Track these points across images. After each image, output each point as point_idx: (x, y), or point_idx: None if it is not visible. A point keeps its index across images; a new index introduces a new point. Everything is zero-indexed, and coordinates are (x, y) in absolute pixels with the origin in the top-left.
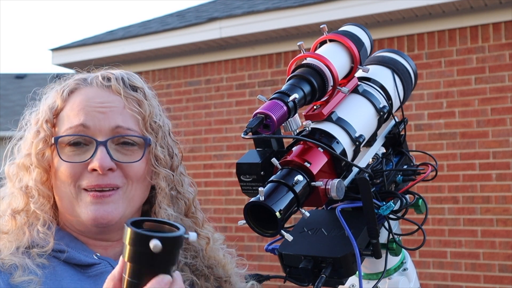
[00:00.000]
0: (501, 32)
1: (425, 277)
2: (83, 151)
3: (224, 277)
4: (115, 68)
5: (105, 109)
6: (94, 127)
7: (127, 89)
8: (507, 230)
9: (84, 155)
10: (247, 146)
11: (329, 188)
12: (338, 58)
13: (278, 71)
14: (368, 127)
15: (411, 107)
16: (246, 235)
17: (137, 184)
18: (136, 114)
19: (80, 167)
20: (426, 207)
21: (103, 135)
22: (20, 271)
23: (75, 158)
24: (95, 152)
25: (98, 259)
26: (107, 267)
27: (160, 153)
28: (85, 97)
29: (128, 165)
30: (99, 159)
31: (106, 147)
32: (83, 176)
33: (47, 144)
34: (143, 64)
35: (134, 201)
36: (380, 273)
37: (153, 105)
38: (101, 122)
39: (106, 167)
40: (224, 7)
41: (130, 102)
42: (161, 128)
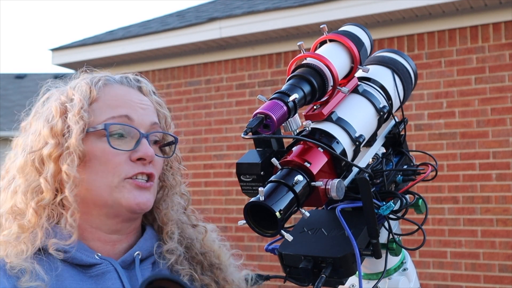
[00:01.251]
0: (501, 32)
1: (425, 277)
2: (124, 142)
3: (217, 264)
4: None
5: (144, 106)
6: (137, 120)
7: (152, 93)
8: (507, 230)
9: (127, 145)
10: (247, 146)
11: (329, 188)
12: (338, 58)
13: (278, 71)
14: (368, 127)
15: (411, 107)
16: (246, 235)
17: (157, 180)
18: (161, 114)
19: (125, 156)
20: (426, 207)
21: (144, 129)
22: (27, 276)
23: (121, 146)
24: (139, 143)
25: (99, 259)
26: (108, 267)
27: (178, 152)
28: (123, 92)
29: (158, 160)
30: (147, 148)
31: (148, 140)
32: (126, 165)
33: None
34: (143, 64)
35: (155, 196)
36: (380, 273)
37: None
38: (143, 117)
39: (151, 156)
40: (224, 7)
41: (156, 104)
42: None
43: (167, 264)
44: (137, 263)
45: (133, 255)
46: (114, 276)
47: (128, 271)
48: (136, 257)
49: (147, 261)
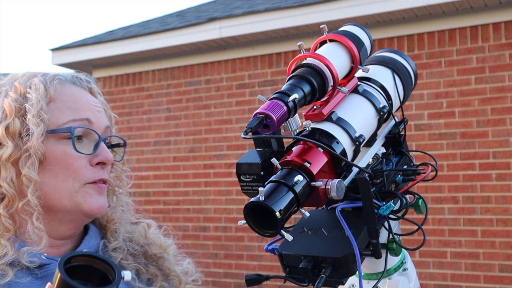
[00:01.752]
0: (501, 32)
1: (425, 277)
2: (82, 145)
3: (159, 254)
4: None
5: (99, 108)
6: (96, 123)
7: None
8: (507, 230)
9: (87, 149)
10: (247, 146)
11: (329, 188)
12: (338, 58)
13: (278, 71)
14: (368, 127)
15: (411, 107)
16: (246, 235)
17: None
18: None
19: (85, 160)
20: (426, 207)
21: (101, 133)
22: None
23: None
24: (98, 147)
25: (46, 259)
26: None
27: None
28: (79, 94)
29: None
30: (107, 153)
31: (105, 143)
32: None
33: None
34: (143, 64)
35: None
36: (380, 273)
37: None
38: (100, 120)
39: (112, 160)
40: (224, 7)
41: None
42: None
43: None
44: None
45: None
46: None
47: None
48: None
49: None
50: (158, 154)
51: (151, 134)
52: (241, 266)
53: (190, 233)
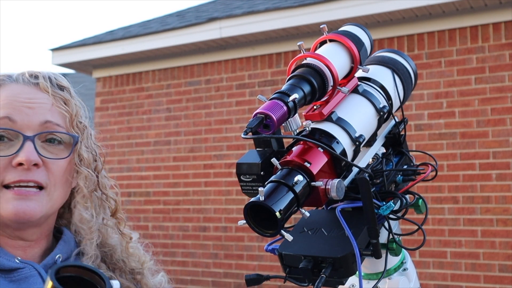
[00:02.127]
0: (501, 32)
1: (425, 277)
2: (7, 146)
3: (137, 269)
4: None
5: (33, 105)
6: (21, 121)
7: (54, 88)
8: (507, 230)
9: (8, 150)
10: (247, 146)
11: (329, 188)
12: (338, 58)
13: (278, 71)
14: (368, 127)
15: (411, 107)
16: (246, 235)
17: (60, 185)
18: (64, 112)
19: (4, 162)
20: (426, 207)
21: (31, 131)
22: None
23: (2, 152)
24: (21, 147)
25: (20, 263)
26: (32, 271)
27: (84, 152)
28: (11, 93)
29: (53, 163)
30: (26, 153)
31: (33, 142)
32: (6, 171)
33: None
34: (143, 64)
35: (57, 202)
36: (380, 273)
37: (79, 106)
38: (29, 117)
39: (32, 161)
40: (224, 7)
41: (57, 100)
42: (86, 129)
43: None
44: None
45: (54, 258)
46: (38, 281)
47: None
48: (57, 260)
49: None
50: (158, 154)
51: (151, 134)
52: (241, 266)
53: (190, 233)
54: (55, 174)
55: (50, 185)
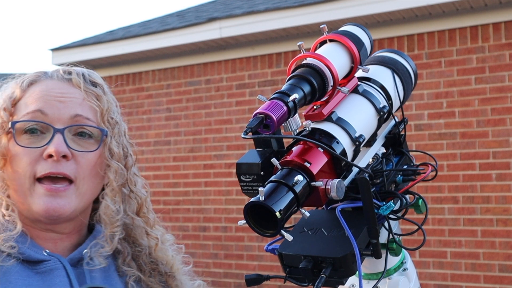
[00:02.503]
0: (501, 32)
1: (425, 277)
2: (39, 139)
3: (169, 272)
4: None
5: (65, 99)
6: (52, 115)
7: (87, 84)
8: (507, 230)
9: (40, 142)
10: (247, 146)
11: (329, 188)
12: (338, 58)
13: (278, 71)
14: (368, 127)
15: (411, 107)
16: (246, 235)
17: (89, 178)
18: (95, 107)
19: (36, 153)
20: (426, 207)
21: (61, 124)
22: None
23: (30, 144)
24: (51, 139)
25: (47, 255)
26: (57, 264)
27: (114, 147)
28: (44, 87)
29: (82, 155)
30: (55, 145)
31: (63, 135)
32: (38, 163)
33: (3, 131)
34: (143, 64)
35: (86, 197)
36: (380, 273)
37: (111, 102)
38: (60, 111)
39: (61, 153)
40: (224, 7)
41: (89, 95)
42: (117, 125)
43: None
44: (85, 261)
45: (81, 253)
46: (62, 274)
47: (76, 269)
48: (84, 255)
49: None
50: (158, 154)
51: (151, 134)
52: (241, 266)
53: (190, 233)
54: (84, 167)
55: (79, 178)
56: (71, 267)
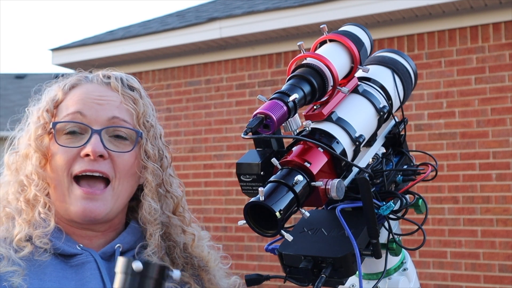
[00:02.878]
0: (501, 32)
1: (425, 277)
2: (78, 139)
3: (203, 267)
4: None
5: (103, 101)
6: (90, 116)
7: (125, 88)
8: (507, 230)
9: (78, 142)
10: (247, 146)
11: (329, 188)
12: (338, 58)
13: (278, 71)
14: (368, 127)
15: (411, 107)
16: (246, 235)
17: (125, 179)
18: (132, 110)
19: (74, 153)
20: (426, 207)
21: (99, 125)
22: (5, 262)
23: (69, 144)
24: (89, 139)
25: (80, 249)
26: (88, 258)
27: (150, 149)
28: (85, 90)
29: (118, 156)
30: (92, 144)
31: (100, 135)
32: (75, 162)
33: (45, 131)
34: (143, 64)
35: (122, 197)
36: (380, 273)
37: (147, 106)
38: (98, 113)
39: (98, 152)
40: (224, 7)
41: (126, 99)
42: (153, 128)
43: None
44: (117, 255)
45: (113, 247)
46: (93, 267)
47: (108, 263)
48: (116, 249)
49: (128, 254)
50: None
51: None
52: (241, 266)
53: None
54: (120, 167)
55: (115, 178)
56: (103, 261)
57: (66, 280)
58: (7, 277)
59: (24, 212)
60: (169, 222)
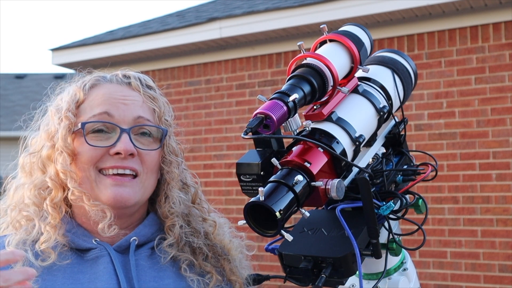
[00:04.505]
0: (501, 32)
1: (425, 277)
2: (105, 138)
3: (224, 256)
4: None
5: (128, 101)
6: (118, 116)
7: (144, 87)
8: (507, 230)
9: (107, 141)
10: (247, 146)
11: (329, 188)
12: (338, 58)
13: (278, 71)
14: (368, 127)
15: (411, 107)
16: (246, 235)
17: (151, 173)
18: (154, 108)
19: (102, 151)
20: (426, 207)
21: (126, 124)
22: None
23: (98, 143)
24: (119, 138)
25: (95, 244)
26: (102, 252)
27: (174, 143)
28: (108, 91)
29: (146, 153)
30: (124, 143)
31: (129, 134)
32: (103, 159)
33: (70, 131)
34: (143, 64)
35: (148, 190)
36: (380, 273)
37: (165, 105)
38: (124, 112)
39: (129, 151)
40: (224, 7)
41: (147, 98)
42: (170, 126)
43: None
44: (132, 248)
45: (129, 241)
46: (107, 260)
47: (123, 256)
48: (132, 243)
49: (145, 246)
50: None
51: None
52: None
53: None
54: (147, 163)
55: (143, 173)
56: (118, 254)
57: (81, 274)
58: None
59: (51, 217)
60: (189, 213)
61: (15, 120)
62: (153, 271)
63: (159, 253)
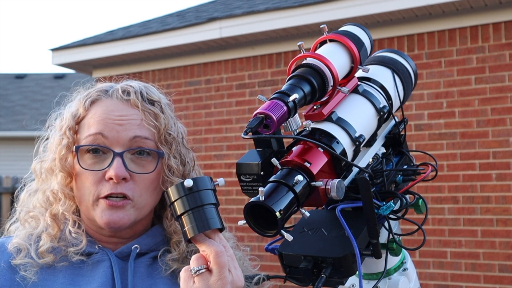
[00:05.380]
0: (501, 32)
1: (425, 277)
2: (101, 159)
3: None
4: (135, 79)
5: (123, 122)
6: (112, 138)
7: (145, 103)
8: (507, 230)
9: (102, 163)
10: (247, 146)
11: (329, 188)
12: (338, 58)
13: (278, 71)
14: (368, 127)
15: (411, 107)
16: (246, 235)
17: (148, 194)
18: (152, 128)
19: (99, 175)
20: (426, 207)
21: (120, 146)
22: (23, 254)
23: (94, 166)
24: (111, 162)
25: (97, 249)
26: (103, 256)
27: (173, 163)
28: (105, 109)
29: (140, 176)
30: (115, 169)
31: (122, 158)
32: (101, 184)
33: (69, 150)
34: (143, 64)
35: (146, 208)
36: (380, 273)
37: (168, 118)
38: (119, 134)
39: (120, 176)
40: (224, 7)
41: (147, 115)
42: (174, 140)
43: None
44: (133, 256)
45: (130, 248)
46: (107, 265)
47: (123, 262)
48: (133, 250)
49: (147, 255)
50: None
51: None
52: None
53: None
54: (141, 185)
55: (136, 197)
56: (119, 260)
57: (80, 276)
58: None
59: (50, 227)
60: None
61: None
62: (150, 279)
63: (161, 264)
